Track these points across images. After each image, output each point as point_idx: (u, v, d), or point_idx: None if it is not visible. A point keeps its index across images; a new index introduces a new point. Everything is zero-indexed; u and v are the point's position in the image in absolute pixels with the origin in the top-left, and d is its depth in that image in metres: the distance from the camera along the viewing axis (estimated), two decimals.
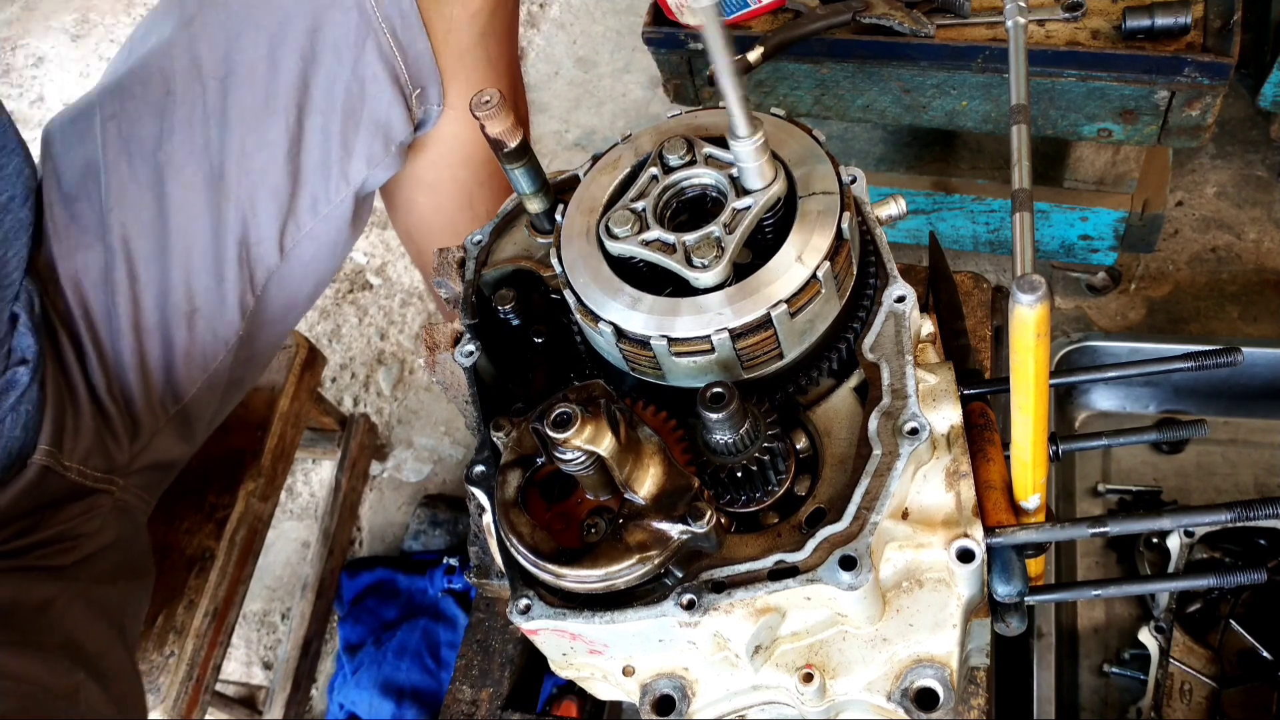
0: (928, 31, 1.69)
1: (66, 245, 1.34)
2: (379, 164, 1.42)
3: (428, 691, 2.07)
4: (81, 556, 1.31)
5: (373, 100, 1.38)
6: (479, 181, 1.60)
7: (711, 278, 0.85)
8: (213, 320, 1.39)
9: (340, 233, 1.45)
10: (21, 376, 1.25)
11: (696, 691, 0.88)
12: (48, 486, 1.28)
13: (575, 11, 3.20)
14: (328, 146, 1.38)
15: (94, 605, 1.29)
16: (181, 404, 1.42)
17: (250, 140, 1.35)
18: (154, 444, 1.41)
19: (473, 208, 1.63)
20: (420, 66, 1.39)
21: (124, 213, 1.34)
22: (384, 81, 1.37)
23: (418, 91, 1.41)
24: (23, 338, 1.26)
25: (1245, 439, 1.93)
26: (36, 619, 1.21)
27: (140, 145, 1.34)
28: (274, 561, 2.40)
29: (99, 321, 1.35)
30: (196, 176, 1.35)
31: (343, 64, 1.35)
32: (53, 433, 1.28)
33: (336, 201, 1.41)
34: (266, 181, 1.37)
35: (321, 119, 1.37)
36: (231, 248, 1.37)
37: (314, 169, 1.39)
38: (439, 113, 1.46)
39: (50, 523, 1.29)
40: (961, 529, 0.84)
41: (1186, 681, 1.60)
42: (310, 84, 1.35)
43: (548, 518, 0.86)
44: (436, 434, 2.50)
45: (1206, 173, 2.42)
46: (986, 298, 1.58)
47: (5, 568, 1.23)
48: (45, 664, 1.17)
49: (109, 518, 1.36)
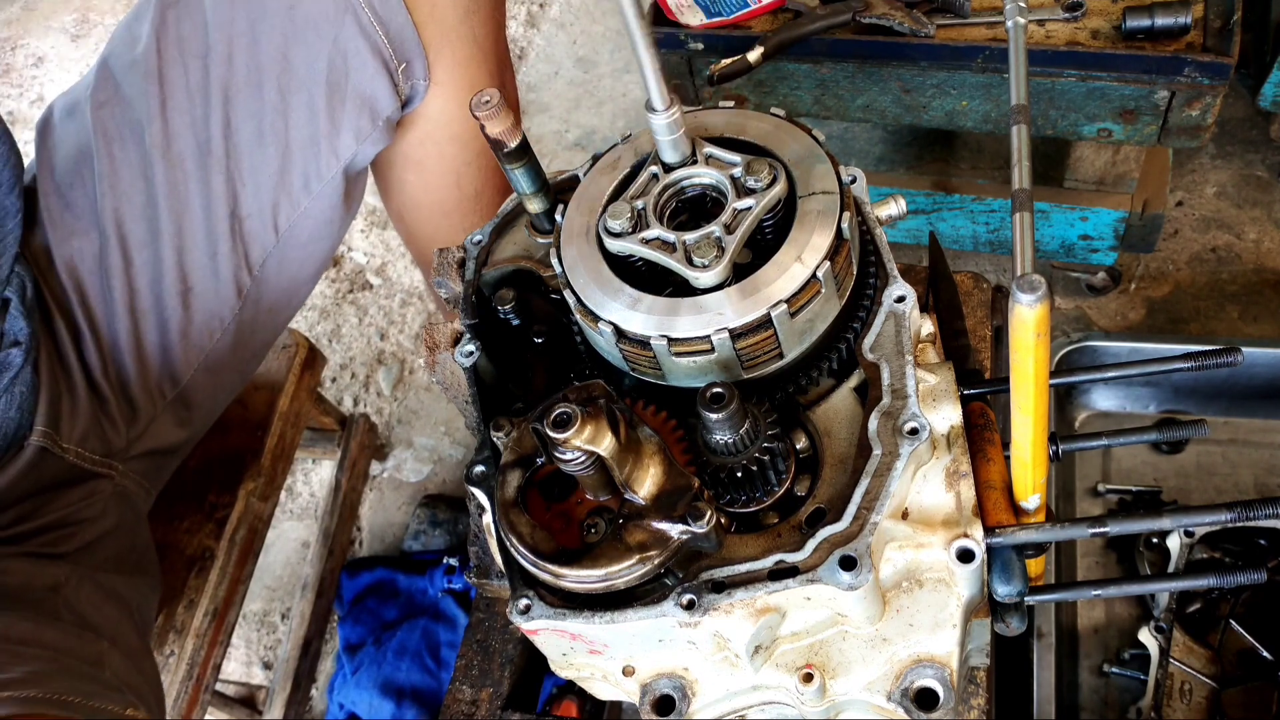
0: (928, 31, 1.69)
1: (61, 232, 1.36)
2: (367, 138, 1.43)
3: (428, 691, 2.07)
4: (83, 543, 1.32)
5: (356, 74, 1.39)
6: (466, 160, 1.60)
7: (711, 278, 0.85)
8: (208, 298, 1.41)
9: (334, 210, 1.47)
10: (14, 358, 1.26)
11: (696, 691, 0.88)
12: (46, 468, 1.29)
13: (575, 11, 3.19)
14: (314, 121, 1.40)
15: (102, 589, 1.30)
16: (179, 387, 1.43)
17: (234, 114, 1.37)
18: (152, 429, 1.42)
19: (460, 186, 1.64)
20: (403, 40, 1.40)
21: (116, 197, 1.35)
22: (366, 55, 1.38)
23: (403, 66, 1.42)
24: (15, 321, 1.28)
25: (1245, 439, 1.93)
26: (49, 599, 1.23)
27: (131, 129, 1.36)
28: (274, 561, 2.40)
29: (94, 305, 1.36)
30: (185, 154, 1.36)
31: (323, 38, 1.36)
32: (49, 415, 1.29)
33: (328, 178, 1.43)
34: (254, 155, 1.38)
35: (306, 94, 1.38)
36: (223, 221, 1.39)
37: (302, 144, 1.40)
38: (426, 88, 1.47)
39: (50, 507, 1.30)
40: (961, 529, 0.84)
41: (1186, 681, 1.60)
42: (291, 58, 1.37)
43: (548, 518, 0.86)
44: (436, 434, 2.50)
45: (1206, 173, 2.42)
46: (986, 298, 1.58)
47: (9, 553, 1.25)
48: (68, 634, 1.20)
49: (109, 503, 1.37)
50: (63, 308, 1.35)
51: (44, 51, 3.64)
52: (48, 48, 3.64)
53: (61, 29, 3.68)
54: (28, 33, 3.70)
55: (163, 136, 1.36)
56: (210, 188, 1.38)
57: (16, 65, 3.62)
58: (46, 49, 3.64)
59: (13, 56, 3.65)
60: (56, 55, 3.62)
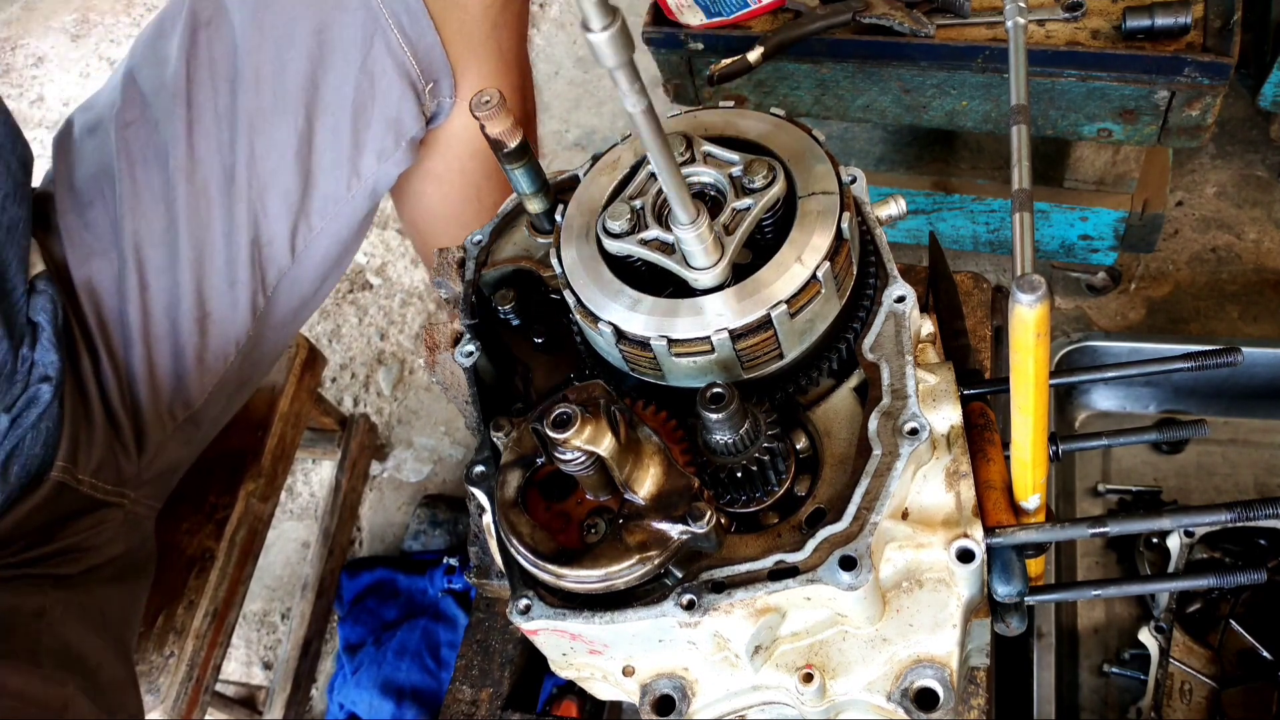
0: (928, 31, 1.69)
1: (81, 252, 1.34)
2: (389, 158, 1.42)
3: (428, 691, 2.07)
4: (88, 567, 1.30)
5: (383, 96, 1.38)
6: (486, 174, 1.60)
7: (711, 278, 0.85)
8: (224, 323, 1.39)
9: (351, 230, 1.46)
10: (44, 394, 1.23)
11: (696, 691, 0.88)
12: (62, 501, 1.27)
13: (575, 11, 3.19)
14: (339, 145, 1.38)
15: (91, 614, 1.28)
16: (191, 410, 1.41)
17: (260, 142, 1.35)
18: (162, 453, 1.40)
19: (480, 200, 1.63)
20: (431, 60, 1.39)
21: (136, 220, 1.33)
22: (393, 77, 1.37)
23: (430, 85, 1.40)
24: (46, 353, 1.24)
25: (1245, 439, 1.93)
26: (31, 626, 1.20)
27: (156, 153, 1.34)
28: (274, 561, 2.40)
29: (113, 331, 1.34)
30: (209, 180, 1.34)
31: (350, 63, 1.35)
32: (69, 448, 1.27)
33: (348, 199, 1.41)
34: (277, 182, 1.37)
35: (332, 118, 1.37)
36: (244, 249, 1.37)
37: (326, 169, 1.39)
38: (452, 105, 1.46)
39: (61, 535, 1.28)
40: (961, 529, 0.84)
41: (1186, 681, 1.60)
42: (319, 84, 1.35)
43: (547, 518, 0.86)
44: (436, 434, 2.50)
45: (1206, 173, 2.42)
46: (986, 298, 1.58)
47: (7, 576, 1.22)
48: (37, 676, 1.16)
49: (119, 530, 1.35)
50: (84, 333, 1.32)
51: (44, 51, 3.64)
52: (48, 48, 3.64)
53: (61, 29, 3.68)
54: (28, 33, 3.70)
55: (188, 161, 1.33)
56: (233, 215, 1.36)
57: (16, 65, 3.62)
58: (46, 49, 3.64)
59: (13, 56, 3.65)
60: (56, 55, 3.62)
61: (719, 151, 0.91)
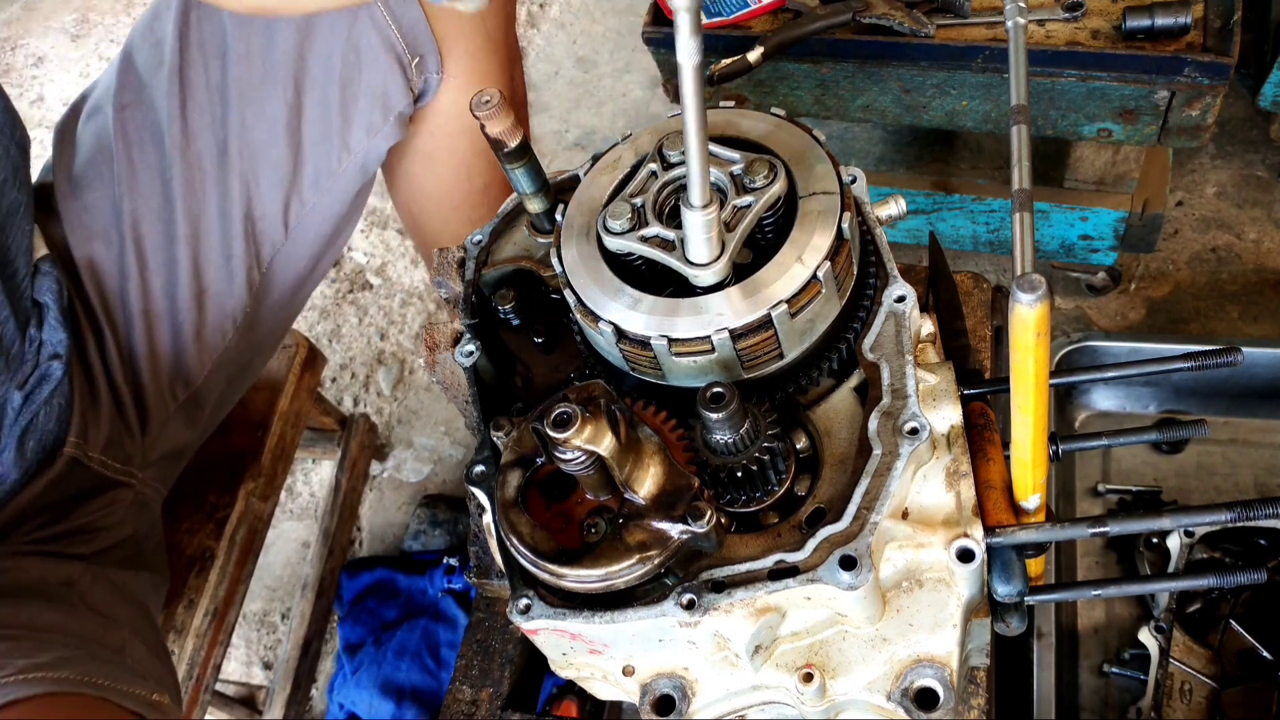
0: (928, 31, 1.69)
1: (81, 234, 1.36)
2: (378, 132, 1.43)
3: (428, 691, 2.07)
4: (100, 547, 1.33)
5: (369, 69, 1.39)
6: (476, 153, 1.60)
7: (711, 276, 0.85)
8: (221, 298, 1.41)
9: (343, 206, 1.47)
10: (55, 370, 1.26)
11: (696, 691, 0.88)
12: (75, 478, 1.30)
13: (575, 11, 3.19)
14: (327, 118, 1.40)
15: (115, 587, 1.31)
16: (192, 389, 1.43)
17: (250, 113, 1.37)
18: (165, 433, 1.42)
19: (470, 179, 1.64)
20: (416, 35, 1.40)
21: (134, 199, 1.36)
22: (379, 50, 1.38)
23: (416, 60, 1.42)
24: (53, 332, 1.28)
25: (1245, 439, 1.93)
26: (64, 592, 1.23)
27: (152, 132, 1.37)
28: (274, 561, 2.40)
29: (114, 309, 1.37)
30: (203, 154, 1.37)
31: (336, 35, 1.37)
32: (79, 425, 1.30)
33: (339, 173, 1.43)
34: (269, 155, 1.39)
35: (320, 91, 1.39)
36: (238, 223, 1.39)
37: (315, 142, 1.41)
38: (438, 82, 1.47)
39: (74, 514, 1.31)
40: (961, 529, 0.84)
41: (1186, 681, 1.60)
42: (306, 56, 1.37)
43: (547, 518, 0.86)
44: (436, 434, 2.50)
45: (1206, 173, 2.42)
46: (986, 298, 1.58)
47: (28, 552, 1.25)
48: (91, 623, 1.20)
49: (129, 511, 1.37)
50: (88, 313, 1.35)
51: (44, 51, 3.64)
52: (48, 48, 3.64)
53: (61, 29, 3.68)
54: (28, 33, 3.70)
55: (182, 137, 1.36)
56: (228, 189, 1.38)
57: (16, 65, 3.62)
58: (46, 49, 3.64)
59: (13, 56, 3.65)
60: (56, 55, 3.62)
61: (720, 150, 0.91)
